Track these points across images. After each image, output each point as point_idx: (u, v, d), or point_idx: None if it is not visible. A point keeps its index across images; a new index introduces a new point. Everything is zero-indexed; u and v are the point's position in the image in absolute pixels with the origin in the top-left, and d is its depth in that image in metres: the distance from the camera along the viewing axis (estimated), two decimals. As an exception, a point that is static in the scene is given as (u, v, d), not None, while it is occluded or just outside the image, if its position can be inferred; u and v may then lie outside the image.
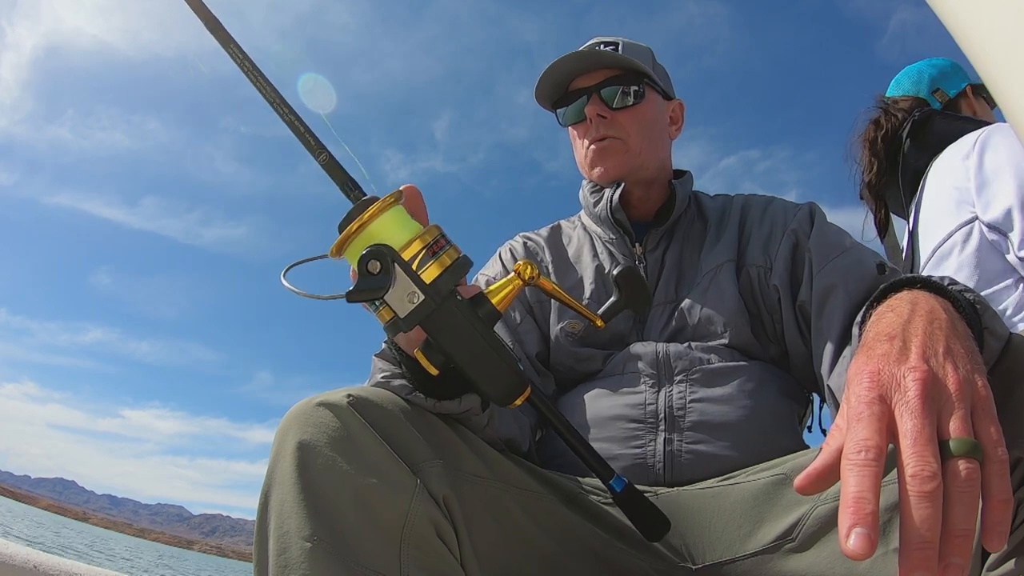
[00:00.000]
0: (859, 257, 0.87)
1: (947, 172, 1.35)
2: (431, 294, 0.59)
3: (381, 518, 0.59)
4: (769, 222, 0.99)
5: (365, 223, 0.59)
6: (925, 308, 0.56)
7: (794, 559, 0.69)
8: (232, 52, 0.66)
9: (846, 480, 0.42)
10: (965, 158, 1.31)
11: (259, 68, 0.66)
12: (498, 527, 0.69)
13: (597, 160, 1.05)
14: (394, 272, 0.58)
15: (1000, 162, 1.24)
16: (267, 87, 0.66)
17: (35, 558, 1.49)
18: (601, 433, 0.88)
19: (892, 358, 0.49)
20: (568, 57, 1.03)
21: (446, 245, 0.62)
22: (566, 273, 1.06)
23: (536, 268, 0.67)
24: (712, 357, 0.90)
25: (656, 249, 1.04)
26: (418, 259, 0.59)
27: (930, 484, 0.41)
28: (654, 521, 0.69)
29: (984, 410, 0.47)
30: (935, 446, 0.43)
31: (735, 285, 0.95)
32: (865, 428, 0.44)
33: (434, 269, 0.60)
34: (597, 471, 0.70)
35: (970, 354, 0.51)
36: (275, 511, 0.59)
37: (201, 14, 0.67)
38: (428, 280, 0.59)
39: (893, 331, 0.53)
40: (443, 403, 0.69)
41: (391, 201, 0.61)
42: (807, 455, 0.74)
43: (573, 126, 1.09)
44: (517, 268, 0.67)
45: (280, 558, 0.57)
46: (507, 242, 1.15)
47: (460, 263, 0.62)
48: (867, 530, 0.39)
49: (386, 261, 0.58)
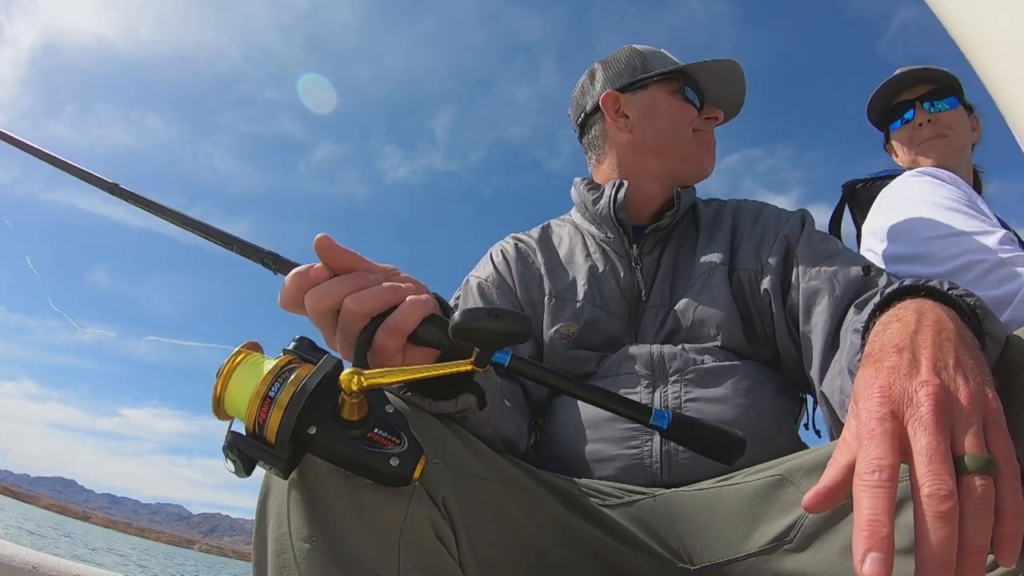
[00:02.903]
0: (845, 261, 0.89)
1: (864, 235, 1.39)
2: (277, 457, 0.55)
3: (379, 519, 0.59)
4: (761, 227, 1.00)
5: (219, 399, 0.58)
6: (932, 318, 0.55)
7: (791, 560, 0.69)
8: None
9: (859, 502, 0.42)
10: (872, 218, 1.34)
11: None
12: (497, 528, 0.69)
13: (713, 155, 1.12)
14: (245, 451, 0.56)
15: (894, 217, 1.25)
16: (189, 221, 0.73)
17: (35, 558, 1.49)
18: (597, 434, 0.88)
19: (902, 371, 0.49)
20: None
21: (279, 386, 0.56)
22: (558, 274, 1.06)
23: (361, 378, 0.55)
24: (706, 358, 0.91)
25: (652, 252, 1.04)
26: (258, 423, 0.55)
27: (947, 504, 0.40)
28: (722, 441, 0.64)
29: (995, 423, 0.46)
30: (950, 464, 0.42)
31: (727, 288, 0.95)
32: (878, 447, 0.44)
33: (274, 419, 0.55)
34: (633, 416, 0.65)
35: (979, 365, 0.51)
36: (273, 512, 0.59)
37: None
38: (272, 437, 0.55)
39: (901, 342, 0.52)
40: (439, 403, 0.69)
41: (237, 362, 0.59)
42: (804, 455, 0.74)
43: (695, 107, 1.11)
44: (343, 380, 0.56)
45: (279, 559, 0.57)
46: (498, 243, 1.15)
47: (298, 395, 0.55)
48: (883, 554, 0.39)
49: (235, 453, 0.56)
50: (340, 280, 0.61)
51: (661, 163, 1.08)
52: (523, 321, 0.57)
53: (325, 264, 0.63)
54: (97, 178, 0.80)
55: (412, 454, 0.57)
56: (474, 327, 0.56)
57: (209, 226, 0.72)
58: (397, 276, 0.66)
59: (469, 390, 0.70)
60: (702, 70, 1.11)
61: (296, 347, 0.61)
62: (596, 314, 1.00)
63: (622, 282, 1.02)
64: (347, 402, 0.56)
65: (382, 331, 0.61)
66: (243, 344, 0.60)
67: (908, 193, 1.26)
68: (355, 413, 0.57)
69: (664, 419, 0.64)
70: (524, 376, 0.66)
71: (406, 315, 0.61)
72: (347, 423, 0.56)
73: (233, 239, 0.70)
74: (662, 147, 1.08)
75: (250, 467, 0.57)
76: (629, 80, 1.11)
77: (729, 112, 1.17)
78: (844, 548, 0.65)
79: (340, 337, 0.62)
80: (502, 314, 0.56)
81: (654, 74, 1.10)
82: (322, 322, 0.63)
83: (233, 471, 0.57)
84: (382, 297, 0.61)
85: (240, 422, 0.58)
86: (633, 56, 1.13)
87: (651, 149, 1.08)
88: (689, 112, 1.09)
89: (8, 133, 0.88)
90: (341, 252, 0.63)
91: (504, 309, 0.57)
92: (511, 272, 1.08)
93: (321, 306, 0.61)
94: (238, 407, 0.57)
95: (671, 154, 1.08)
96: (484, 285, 1.06)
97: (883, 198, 1.32)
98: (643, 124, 1.09)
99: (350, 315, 0.60)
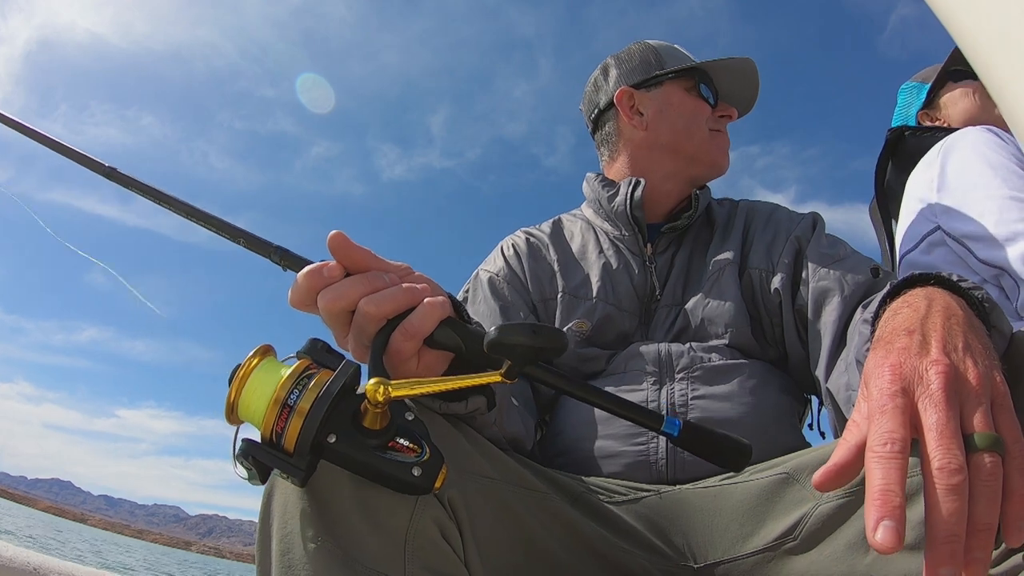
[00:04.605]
0: (854, 263, 0.89)
1: (913, 185, 1.38)
2: (295, 467, 0.53)
3: (385, 519, 0.58)
4: (773, 228, 1.00)
5: (233, 405, 0.56)
6: (941, 304, 0.56)
7: (796, 558, 0.69)
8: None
9: (872, 473, 0.42)
10: (928, 168, 1.33)
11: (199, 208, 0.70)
12: (503, 527, 0.69)
13: (727, 154, 1.11)
14: (261, 460, 0.54)
15: (959, 168, 1.25)
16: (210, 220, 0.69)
17: (35, 559, 1.49)
18: (604, 431, 0.88)
19: (913, 352, 0.49)
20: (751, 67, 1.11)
21: (299, 393, 0.54)
22: (572, 270, 1.05)
23: (388, 389, 0.54)
24: (713, 356, 0.91)
25: (666, 251, 1.05)
26: (276, 432, 0.54)
27: (957, 477, 0.41)
28: (731, 450, 0.63)
29: (1003, 405, 0.47)
30: (960, 439, 0.43)
31: (737, 287, 0.96)
32: (890, 420, 0.44)
33: (294, 427, 0.53)
34: (645, 423, 0.64)
35: (987, 350, 0.51)
36: (278, 512, 0.59)
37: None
38: (291, 446, 0.53)
39: (911, 326, 0.53)
40: (449, 404, 0.68)
41: (253, 365, 0.56)
42: (809, 453, 0.74)
43: (709, 105, 1.10)
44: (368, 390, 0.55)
45: (284, 559, 0.56)
46: (508, 237, 1.14)
47: (319, 403, 0.53)
48: (895, 523, 0.39)
49: (250, 461, 0.54)
50: (355, 280, 0.60)
51: (675, 161, 1.08)
52: (561, 337, 0.56)
53: (339, 262, 0.61)
54: (93, 161, 0.76)
55: (434, 463, 0.56)
56: (512, 343, 0.55)
57: (216, 217, 0.69)
58: (411, 275, 0.65)
59: (479, 391, 0.70)
60: (717, 67, 1.11)
61: (311, 350, 0.59)
62: (609, 311, 1.00)
63: (635, 280, 1.02)
64: (370, 411, 0.55)
65: (399, 334, 0.60)
66: (257, 347, 0.58)
67: (975, 148, 1.25)
68: (378, 422, 0.55)
69: (675, 426, 0.63)
70: (538, 381, 0.64)
71: (424, 318, 0.60)
72: (368, 432, 0.55)
73: (240, 232, 0.67)
74: (677, 145, 1.08)
75: (265, 475, 0.55)
76: (643, 77, 1.11)
77: (742, 109, 1.16)
78: (849, 546, 0.65)
79: (354, 338, 0.61)
80: (540, 330, 0.55)
81: (669, 71, 1.10)
82: (335, 323, 0.61)
83: (246, 478, 0.56)
84: (399, 299, 0.60)
85: (250, 426, 0.56)
86: (647, 52, 1.13)
87: (666, 147, 1.08)
88: (704, 110, 1.09)
89: (7, 115, 0.83)
90: (356, 250, 0.61)
91: (543, 325, 0.56)
92: (523, 267, 1.07)
93: (336, 307, 0.60)
94: (253, 413, 0.55)
95: (686, 152, 1.08)
96: (495, 279, 1.06)
97: (944, 149, 1.30)
98: (658, 122, 1.08)
99: (366, 317, 0.59)
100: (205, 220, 0.69)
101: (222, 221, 0.68)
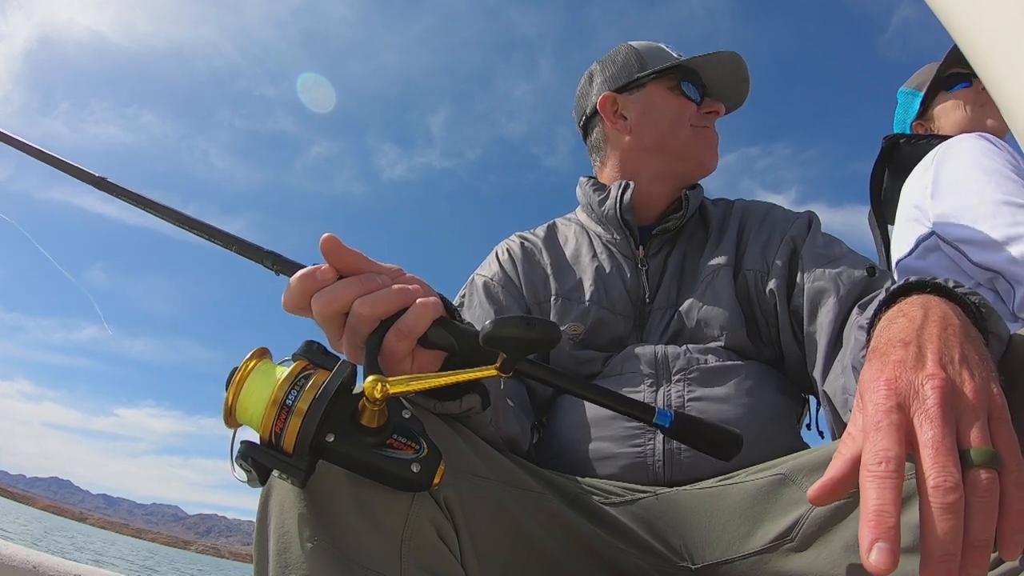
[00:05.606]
0: (850, 262, 0.89)
1: (908, 192, 1.39)
2: (295, 467, 0.54)
3: (382, 518, 0.58)
4: (768, 228, 1.00)
5: (231, 408, 0.56)
6: (938, 313, 0.55)
7: (793, 559, 0.69)
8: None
9: (866, 492, 0.42)
10: (923, 174, 1.33)
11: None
12: (499, 527, 0.69)
13: (715, 151, 1.10)
14: (261, 461, 0.54)
15: (953, 174, 1.26)
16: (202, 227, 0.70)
17: (35, 558, 1.49)
18: (600, 433, 0.88)
19: (908, 365, 0.49)
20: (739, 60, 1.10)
21: (297, 394, 0.54)
22: (565, 274, 1.06)
23: (385, 385, 0.55)
24: (709, 357, 0.91)
25: (659, 253, 1.05)
26: (275, 433, 0.54)
27: (952, 495, 0.41)
28: (722, 439, 0.65)
29: (1000, 418, 0.46)
30: (956, 456, 0.43)
31: (732, 288, 0.96)
32: (884, 438, 0.44)
33: (292, 427, 0.54)
34: (636, 415, 0.66)
35: (984, 361, 0.51)
36: (275, 511, 0.59)
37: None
38: (290, 446, 0.53)
39: (907, 337, 0.52)
40: (444, 403, 0.68)
41: (249, 368, 0.57)
42: (806, 455, 0.74)
43: (694, 102, 1.09)
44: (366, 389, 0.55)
45: (280, 558, 0.57)
46: (503, 241, 1.15)
47: (317, 403, 0.54)
48: (889, 544, 0.39)
49: (250, 463, 0.54)
50: (348, 282, 0.61)
51: (662, 162, 1.08)
52: (554, 330, 0.57)
53: (332, 265, 0.62)
54: (83, 171, 0.77)
55: (432, 459, 0.57)
56: (505, 336, 0.56)
57: (208, 225, 0.70)
58: (403, 277, 0.65)
59: (474, 390, 0.70)
60: (700, 63, 1.11)
61: (307, 351, 0.60)
62: (602, 315, 1.00)
63: (628, 283, 1.02)
64: (368, 409, 0.55)
65: (392, 334, 0.60)
66: (253, 351, 0.58)
67: (969, 154, 1.26)
68: (375, 420, 0.56)
69: (667, 418, 0.65)
70: (529, 377, 0.65)
71: (417, 318, 0.61)
72: (367, 430, 0.56)
73: (232, 238, 0.68)
74: (663, 145, 1.08)
75: (265, 477, 0.56)
76: (626, 80, 1.11)
77: (733, 104, 1.16)
78: (846, 547, 0.65)
79: (348, 340, 0.62)
80: (533, 323, 0.56)
81: (649, 72, 1.10)
82: (329, 325, 0.62)
83: (246, 481, 0.56)
84: (392, 300, 0.61)
85: (248, 429, 0.56)
86: (630, 55, 1.13)
87: (652, 148, 1.08)
88: (687, 107, 1.08)
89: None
90: (348, 253, 0.62)
91: (536, 318, 0.57)
92: (517, 271, 1.08)
93: (329, 310, 0.60)
94: (251, 416, 0.56)
95: (672, 151, 1.08)
96: (490, 284, 1.06)
97: (939, 156, 1.31)
98: (642, 124, 1.08)
99: (359, 318, 0.60)
100: (197, 227, 0.70)
101: (214, 228, 0.69)
